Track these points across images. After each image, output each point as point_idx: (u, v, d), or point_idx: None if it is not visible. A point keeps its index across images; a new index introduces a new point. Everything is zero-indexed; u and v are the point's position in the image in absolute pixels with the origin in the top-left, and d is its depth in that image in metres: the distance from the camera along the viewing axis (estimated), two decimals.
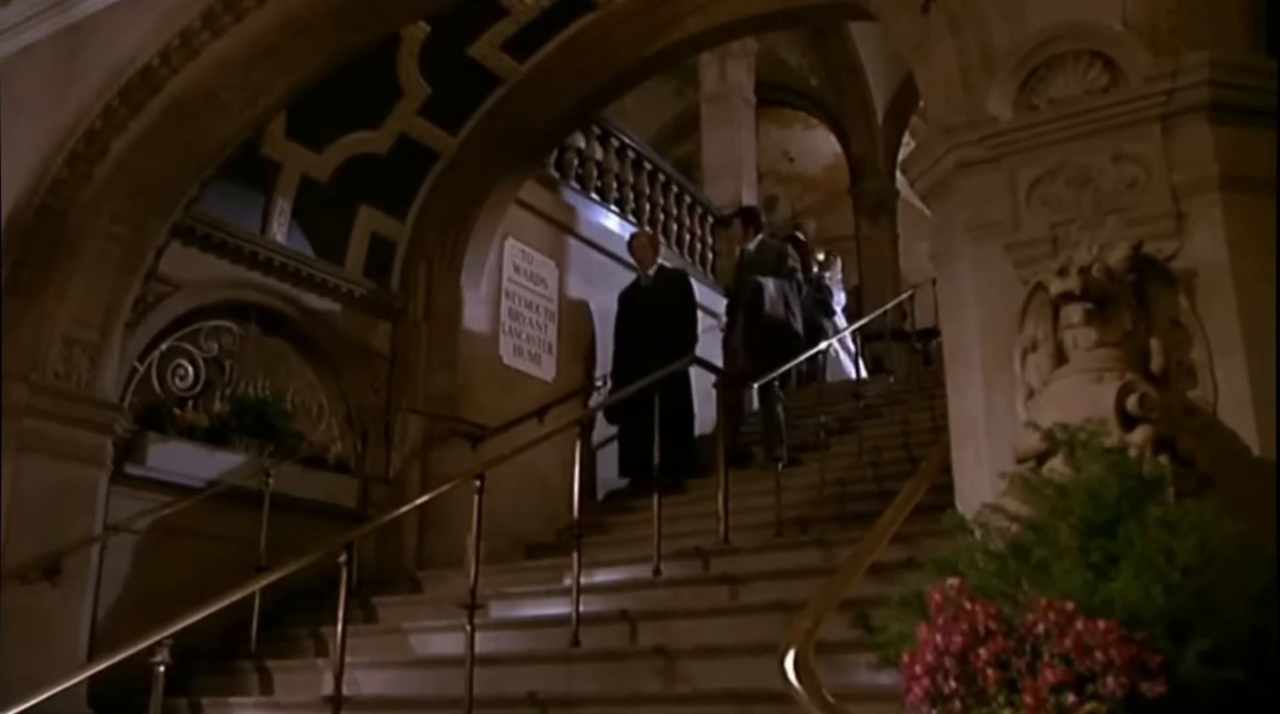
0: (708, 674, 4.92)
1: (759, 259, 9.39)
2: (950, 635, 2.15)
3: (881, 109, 15.77)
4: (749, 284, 9.17)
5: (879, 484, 7.81)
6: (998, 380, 3.26)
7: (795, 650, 2.57)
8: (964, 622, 2.15)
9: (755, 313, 9.00)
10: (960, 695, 2.09)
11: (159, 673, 4.26)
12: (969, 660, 2.10)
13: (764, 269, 9.23)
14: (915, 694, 2.14)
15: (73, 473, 6.04)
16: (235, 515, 6.99)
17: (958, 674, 2.10)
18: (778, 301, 9.05)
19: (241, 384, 7.38)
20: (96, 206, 6.03)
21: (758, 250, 9.50)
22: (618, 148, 10.49)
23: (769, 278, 9.10)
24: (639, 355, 8.68)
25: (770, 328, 8.95)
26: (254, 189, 7.53)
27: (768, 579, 5.75)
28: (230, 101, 5.96)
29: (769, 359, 8.52)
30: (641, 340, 8.95)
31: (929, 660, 2.13)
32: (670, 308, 9.16)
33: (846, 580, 2.95)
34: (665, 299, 9.21)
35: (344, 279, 7.94)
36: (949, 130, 3.49)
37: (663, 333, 8.84)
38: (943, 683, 2.11)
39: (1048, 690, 2.00)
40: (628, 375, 8.52)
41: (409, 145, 8.17)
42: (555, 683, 5.19)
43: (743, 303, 9.24)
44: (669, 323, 9.01)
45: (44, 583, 5.79)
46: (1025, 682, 2.03)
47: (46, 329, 5.99)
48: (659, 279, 9.43)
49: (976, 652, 2.08)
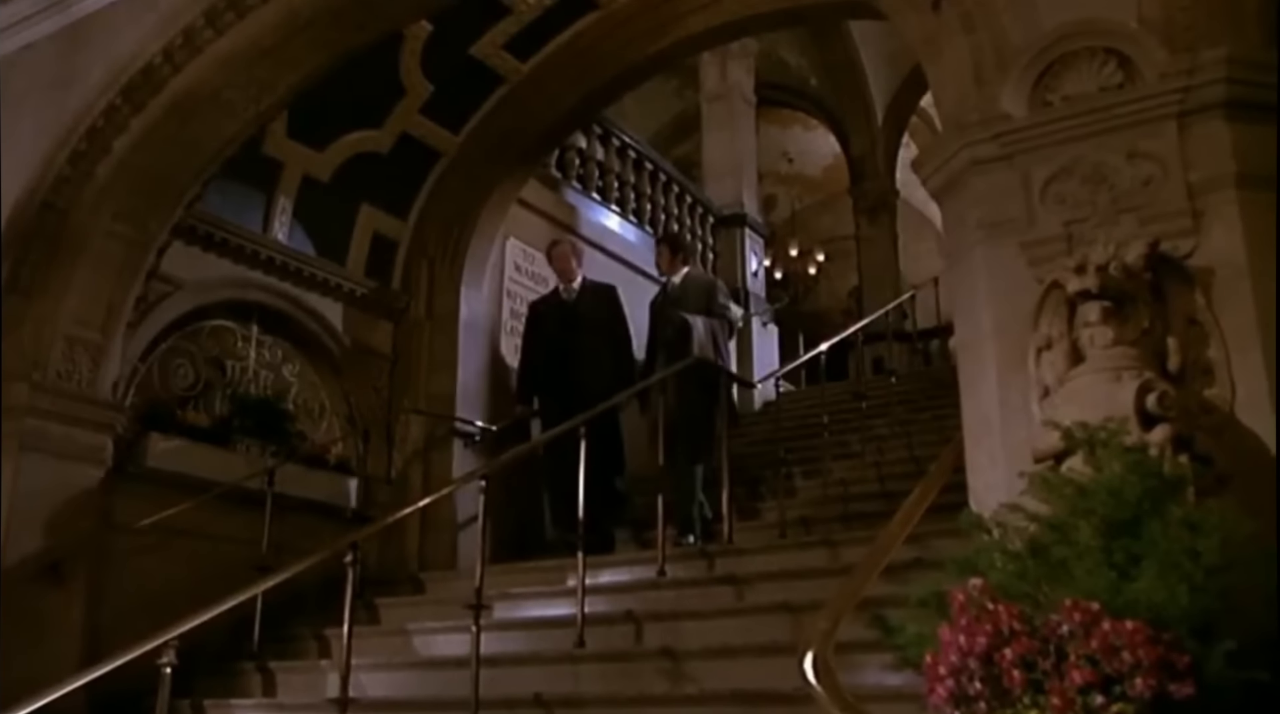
0: (714, 675, 4.90)
1: (685, 294, 8.16)
2: (974, 636, 2.12)
3: (881, 109, 15.79)
4: (674, 321, 7.95)
5: (881, 484, 7.84)
6: (1012, 379, 3.24)
7: (814, 651, 2.54)
8: (987, 622, 2.13)
9: (681, 354, 7.67)
10: (985, 697, 2.07)
11: (165, 674, 4.22)
12: (993, 661, 2.08)
13: (691, 306, 8.02)
14: (939, 695, 2.12)
15: (74, 473, 6.00)
16: (237, 516, 6.95)
17: (982, 675, 2.08)
18: (707, 344, 7.86)
19: (243, 384, 7.34)
20: (98, 205, 5.99)
21: (684, 284, 8.24)
22: (619, 147, 10.47)
23: (698, 316, 7.92)
24: (564, 380, 7.90)
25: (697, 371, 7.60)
26: (255, 188, 7.49)
27: (773, 580, 5.73)
28: (233, 100, 5.93)
29: (698, 407, 7.41)
30: (566, 364, 8.01)
31: (953, 661, 2.11)
32: (600, 327, 8.13)
33: (863, 580, 2.93)
34: (593, 317, 8.16)
35: (345, 278, 7.90)
36: (961, 127, 3.47)
37: (593, 355, 7.97)
38: (967, 684, 2.08)
39: (1075, 692, 1.97)
40: (550, 403, 7.88)
41: (411, 144, 8.13)
42: (561, 684, 5.17)
43: (664, 342, 7.99)
44: (599, 343, 8.06)
45: (45, 583, 5.75)
46: (1052, 683, 2.00)
47: (48, 328, 5.95)
48: (584, 293, 8.33)
49: (1002, 652, 2.06)
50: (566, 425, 6.16)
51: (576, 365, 7.91)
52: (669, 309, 8.09)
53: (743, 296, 11.79)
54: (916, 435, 8.56)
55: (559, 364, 8.01)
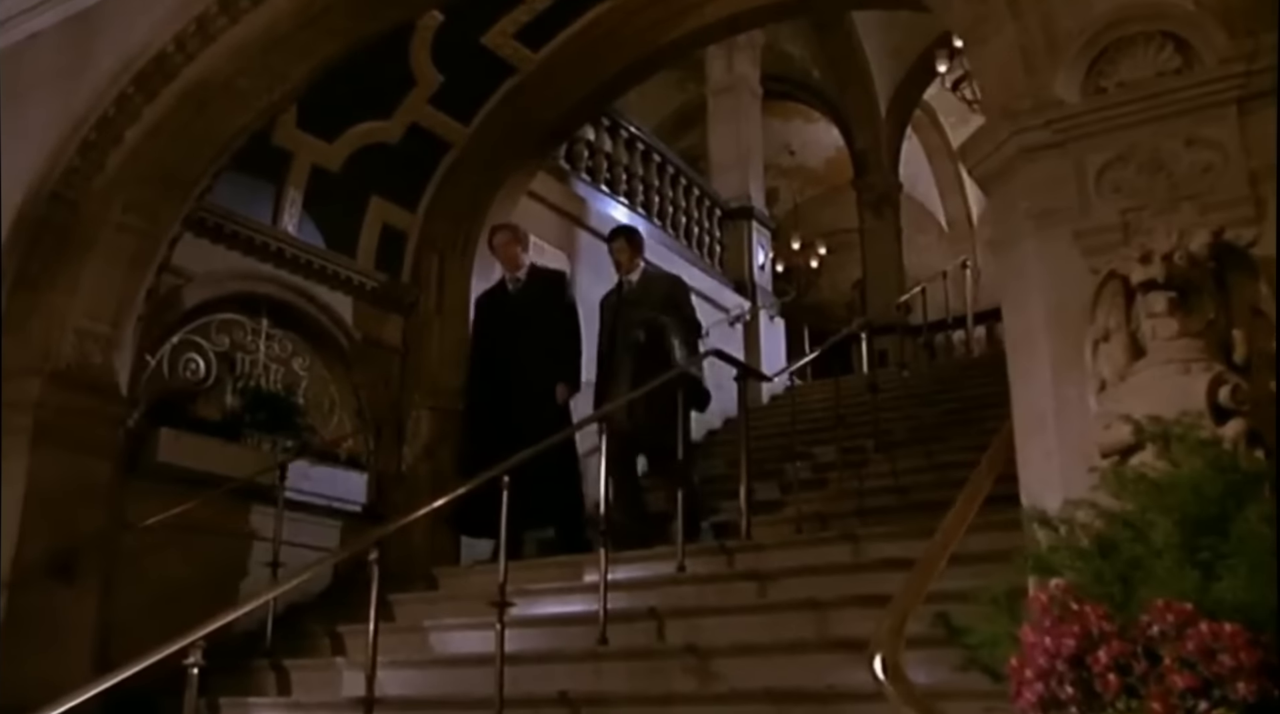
0: (741, 673, 4.82)
1: (646, 293, 7.55)
2: (1061, 638, 2.04)
3: (885, 102, 15.72)
4: (638, 324, 7.30)
5: (895, 478, 7.77)
6: (1067, 372, 3.15)
7: (883, 653, 2.45)
8: (1074, 623, 2.05)
9: (652, 360, 7.06)
10: (1076, 701, 1.99)
11: (193, 675, 4.12)
12: (1084, 665, 2.00)
13: (652, 305, 7.42)
14: (1027, 699, 2.04)
15: (85, 467, 5.89)
16: (247, 511, 6.90)
17: (1072, 679, 1.99)
18: (683, 352, 7.30)
19: (253, 378, 7.25)
20: (109, 196, 5.88)
21: (643, 282, 7.65)
22: (627, 139, 10.41)
23: (659, 315, 7.35)
24: (505, 380, 7.36)
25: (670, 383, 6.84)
26: (265, 179, 7.40)
27: (795, 576, 5.65)
28: (247, 89, 5.82)
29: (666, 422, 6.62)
30: (508, 361, 7.40)
31: (1040, 664, 2.03)
32: (544, 320, 7.49)
33: (926, 577, 2.84)
34: (538, 309, 7.54)
35: (355, 271, 7.80)
36: (1012, 114, 3.38)
37: (534, 351, 7.34)
38: (1057, 688, 2.00)
39: (1177, 696, 1.89)
40: (491, 404, 7.37)
41: (420, 135, 8.04)
42: (584, 682, 5.08)
43: (627, 347, 7.32)
44: (542, 338, 7.40)
45: (57, 580, 5.65)
46: (1150, 688, 1.92)
47: (58, 321, 5.84)
48: (531, 283, 7.73)
49: (1095, 655, 1.98)
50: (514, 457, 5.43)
51: (516, 363, 7.34)
52: (629, 310, 7.44)
53: (750, 290, 11.73)
54: (930, 430, 8.53)
55: (500, 362, 7.43)
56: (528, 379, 7.24)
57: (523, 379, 7.27)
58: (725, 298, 11.29)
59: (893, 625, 2.51)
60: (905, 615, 2.61)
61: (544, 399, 7.11)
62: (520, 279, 7.72)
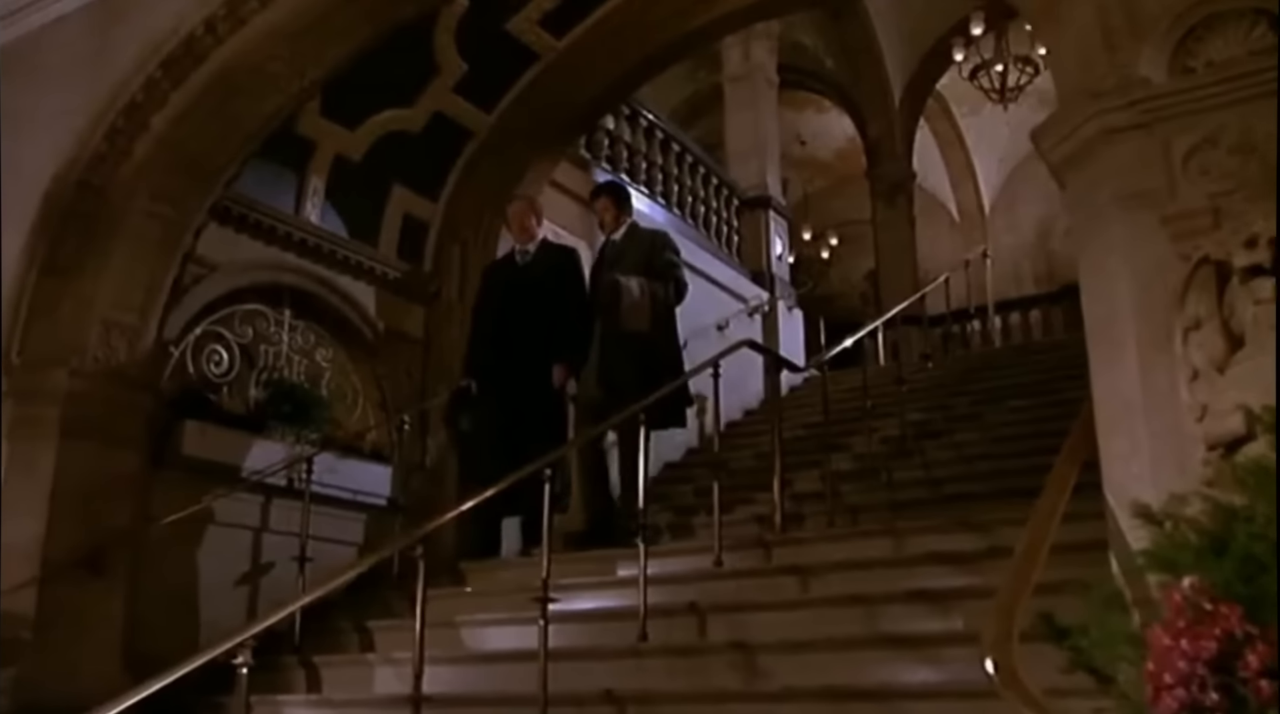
0: (788, 670, 4.70)
1: (625, 251, 7.18)
2: (1199, 641, 1.94)
3: (898, 91, 15.60)
4: (608, 285, 6.95)
5: (926, 470, 7.67)
6: (1156, 361, 3.04)
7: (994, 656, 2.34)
8: (1213, 625, 1.94)
9: (610, 324, 6.84)
10: (1223, 709, 1.88)
11: (242, 675, 4.00)
12: (1229, 669, 1.89)
13: (631, 265, 7.04)
14: (1167, 705, 1.93)
15: (113, 460, 5.78)
16: (271, 504, 6.79)
17: (1216, 684, 1.89)
18: (641, 305, 6.83)
19: (276, 369, 7.13)
20: (136, 184, 5.77)
21: (625, 240, 7.26)
22: (646, 128, 10.28)
23: (632, 277, 6.93)
24: (506, 355, 6.95)
25: (628, 343, 6.76)
26: (287, 168, 7.27)
27: (838, 571, 5.53)
28: (278, 73, 5.71)
29: (626, 388, 6.35)
30: (511, 336, 6.99)
31: (1181, 669, 1.92)
32: (553, 296, 7.05)
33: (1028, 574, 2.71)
34: (547, 284, 7.09)
35: (378, 261, 7.69)
36: (1093, 95, 3.27)
37: (540, 328, 6.94)
38: (1199, 694, 1.89)
39: None
40: (496, 378, 6.94)
41: (443, 123, 7.91)
42: (625, 679, 4.96)
43: (599, 309, 7.00)
44: (551, 313, 6.98)
45: (85, 574, 5.54)
46: None
47: (85, 311, 5.74)
48: (540, 256, 7.29)
49: (1244, 660, 1.87)
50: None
51: (520, 339, 6.93)
52: (605, 272, 7.06)
53: (768, 280, 11.62)
54: (959, 421, 8.44)
55: (503, 337, 7.01)
56: (531, 356, 6.83)
57: (526, 356, 6.85)
58: (744, 288, 11.18)
59: (1002, 629, 2.39)
60: (1013, 616, 2.49)
61: (546, 379, 6.84)
62: (530, 252, 7.28)
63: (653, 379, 6.20)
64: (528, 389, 6.76)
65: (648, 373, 6.43)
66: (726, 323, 10.63)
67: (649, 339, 6.76)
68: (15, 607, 5.28)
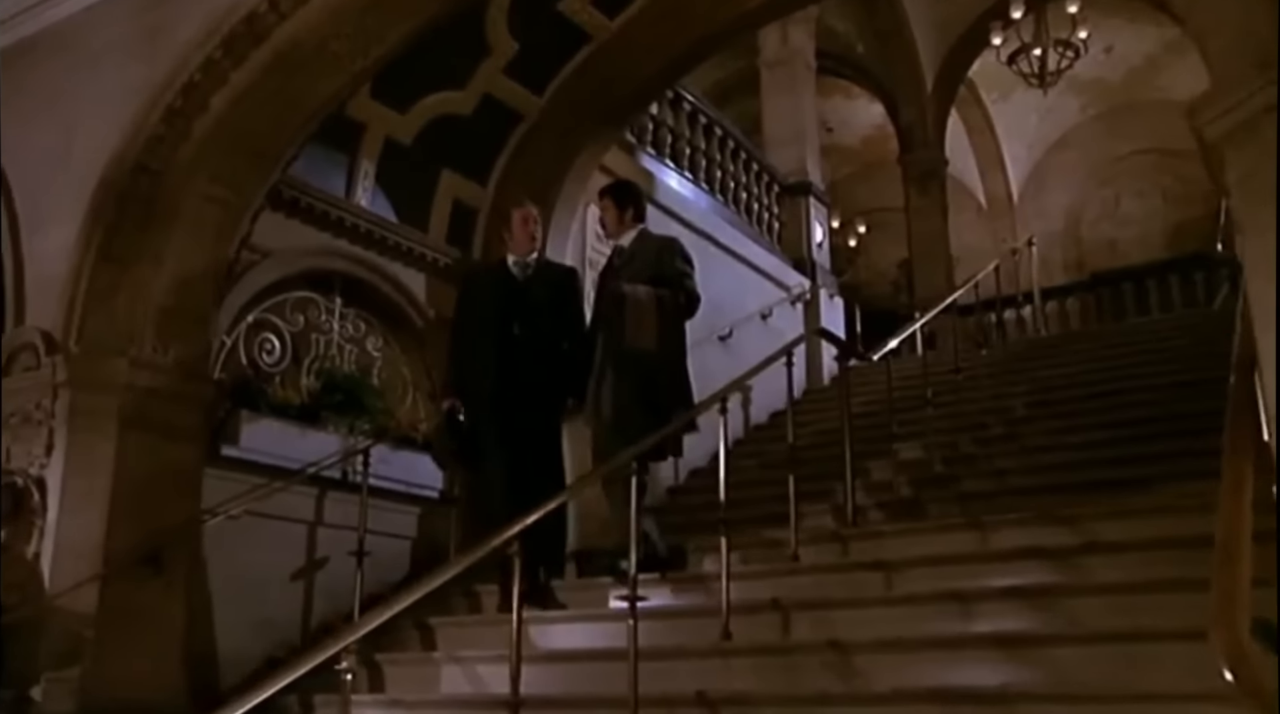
0: (884, 671, 4.50)
1: (633, 259, 6.21)
2: None
3: (931, 76, 15.39)
4: (611, 294, 6.04)
5: (990, 461, 7.47)
6: None
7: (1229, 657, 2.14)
8: None
9: (614, 341, 5.95)
10: None
11: (346, 681, 3.80)
12: None
13: (637, 274, 6.08)
14: None
15: (172, 454, 5.60)
16: (325, 497, 6.61)
17: None
18: (648, 318, 5.90)
19: (327, 359, 6.94)
20: (194, 166, 5.59)
21: (634, 249, 6.25)
22: (689, 112, 10.08)
23: (639, 286, 5.97)
24: (517, 384, 6.05)
25: (632, 367, 5.88)
26: (338, 151, 7.09)
27: (921, 566, 5.34)
28: (340, 51, 5.52)
29: (627, 424, 5.62)
30: (523, 363, 6.08)
31: None
32: (559, 320, 6.26)
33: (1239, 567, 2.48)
34: (553, 307, 6.27)
35: (428, 247, 7.50)
36: (1261, 65, 3.07)
37: (544, 354, 6.13)
38: None
39: None
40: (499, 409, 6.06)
41: (492, 106, 7.72)
42: (710, 679, 4.75)
43: (602, 324, 6.12)
44: (553, 338, 6.20)
45: (145, 573, 5.36)
46: None
47: (143, 298, 5.56)
48: (543, 275, 6.42)
49: None
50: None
51: (525, 367, 6.08)
52: (612, 282, 6.16)
53: (809, 267, 11.43)
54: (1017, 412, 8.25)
55: (505, 362, 6.09)
56: (537, 388, 6.09)
57: (532, 387, 6.08)
58: (787, 276, 11.00)
59: (1232, 635, 2.19)
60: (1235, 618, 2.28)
61: (553, 413, 6.22)
62: (529, 265, 6.38)
63: (658, 414, 5.54)
64: (535, 425, 6.11)
65: (652, 407, 5.68)
66: (770, 311, 10.45)
67: (655, 362, 5.88)
68: (76, 605, 5.10)
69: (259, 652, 6.15)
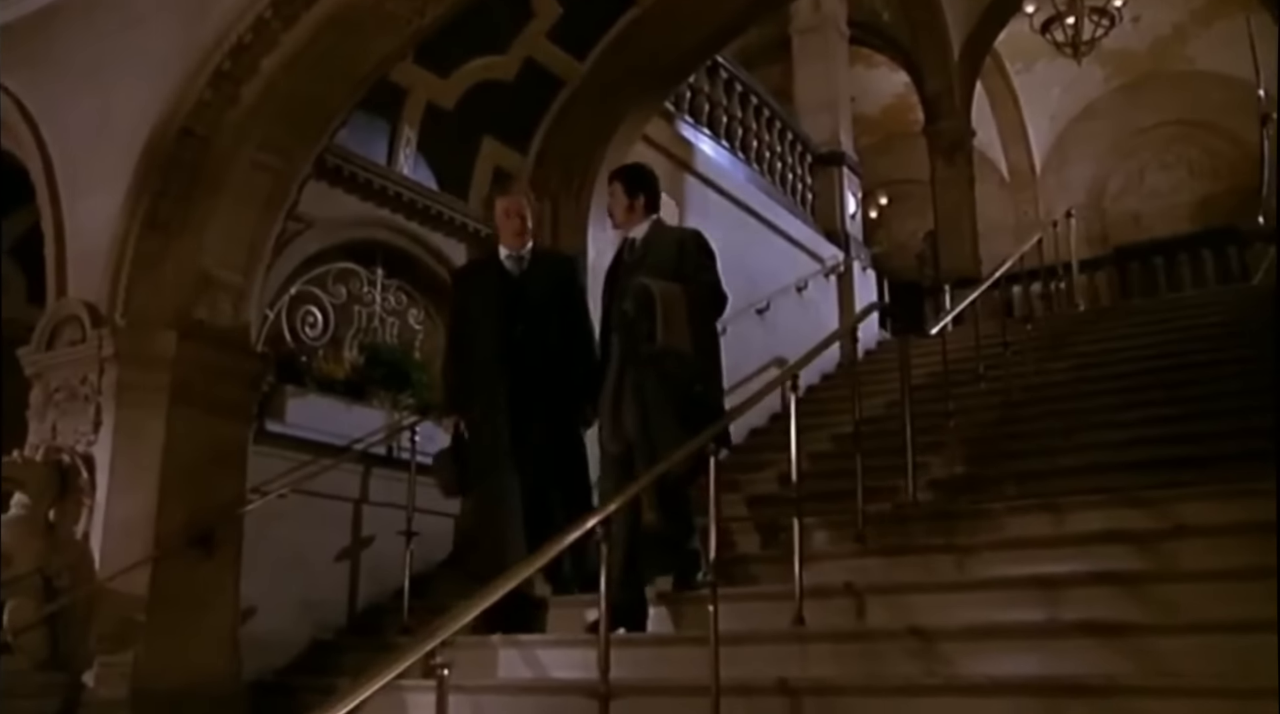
0: (971, 659, 4.30)
1: (648, 253, 5.31)
2: None
3: (958, 45, 15.10)
4: (632, 292, 5.10)
5: (1038, 440, 7.28)
6: None
7: None
8: None
9: (631, 346, 5.15)
10: None
11: (443, 677, 3.62)
12: None
13: (656, 269, 5.21)
14: None
15: (221, 430, 5.44)
16: (370, 474, 6.45)
17: None
18: (679, 316, 5.06)
19: (369, 332, 6.77)
20: (243, 132, 5.39)
21: (649, 241, 5.34)
22: (726, 80, 9.86)
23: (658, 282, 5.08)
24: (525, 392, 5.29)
25: (662, 375, 5.05)
26: (380, 117, 6.90)
27: (995, 550, 5.17)
28: (395, 11, 5.29)
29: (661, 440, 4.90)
30: (530, 368, 5.31)
31: None
32: (563, 318, 5.50)
33: None
34: (554, 303, 5.49)
35: (470, 217, 7.31)
36: None
37: (561, 361, 5.40)
38: None
39: None
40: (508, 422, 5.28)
41: (534, 71, 7.52)
42: (786, 665, 4.57)
43: (619, 326, 5.25)
44: (557, 342, 5.42)
45: (197, 552, 5.19)
46: None
47: (189, 268, 5.38)
48: (540, 268, 5.60)
49: None
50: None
51: (533, 374, 5.34)
52: (626, 278, 5.33)
53: (842, 239, 11.23)
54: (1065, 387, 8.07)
55: (510, 368, 5.34)
56: (548, 397, 5.39)
57: (542, 396, 5.37)
58: (821, 248, 10.80)
59: None
60: None
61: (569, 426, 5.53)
62: (524, 258, 5.56)
63: (696, 428, 4.66)
64: (551, 436, 5.42)
65: (688, 421, 4.84)
66: (805, 283, 10.26)
67: (690, 372, 5.09)
68: (128, 588, 4.93)
69: (305, 634, 6.02)
